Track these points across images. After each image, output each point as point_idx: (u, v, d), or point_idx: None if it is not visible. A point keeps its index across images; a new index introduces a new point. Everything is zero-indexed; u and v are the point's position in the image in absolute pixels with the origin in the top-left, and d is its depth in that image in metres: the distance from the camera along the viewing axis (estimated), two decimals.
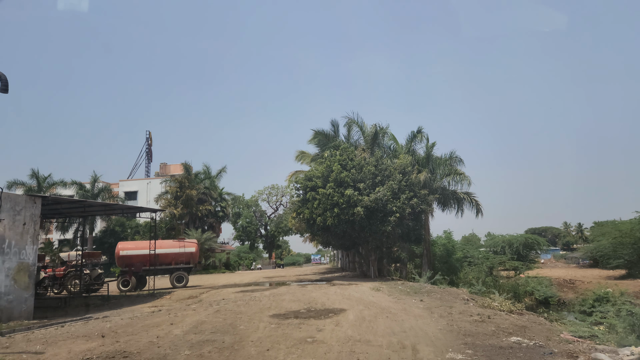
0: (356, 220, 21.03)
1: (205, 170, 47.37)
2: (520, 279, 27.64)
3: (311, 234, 24.45)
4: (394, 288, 16.89)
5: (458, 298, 13.64)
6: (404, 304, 12.07)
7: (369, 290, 16.16)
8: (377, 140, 25.68)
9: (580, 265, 48.62)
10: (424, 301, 12.58)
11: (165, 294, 20.51)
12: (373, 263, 23.41)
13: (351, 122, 26.28)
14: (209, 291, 20.22)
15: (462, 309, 10.87)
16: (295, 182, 23.16)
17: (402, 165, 22.22)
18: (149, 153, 53.36)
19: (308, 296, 14.51)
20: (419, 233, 22.11)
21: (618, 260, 31.90)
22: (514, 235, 39.22)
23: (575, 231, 71.09)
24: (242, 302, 13.24)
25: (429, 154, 24.69)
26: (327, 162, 22.64)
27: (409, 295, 14.26)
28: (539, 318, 10.50)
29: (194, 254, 23.82)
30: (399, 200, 21.20)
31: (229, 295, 16.54)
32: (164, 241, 24.46)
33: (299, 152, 30.33)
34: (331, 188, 21.53)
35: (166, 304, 17.42)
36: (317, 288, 17.67)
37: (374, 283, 19.61)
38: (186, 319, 9.94)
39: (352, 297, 13.82)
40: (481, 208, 24.42)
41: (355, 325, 8.78)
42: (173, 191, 43.51)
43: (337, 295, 14.74)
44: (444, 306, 11.48)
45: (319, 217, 21.67)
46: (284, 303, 12.81)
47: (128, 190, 50.07)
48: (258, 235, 56.01)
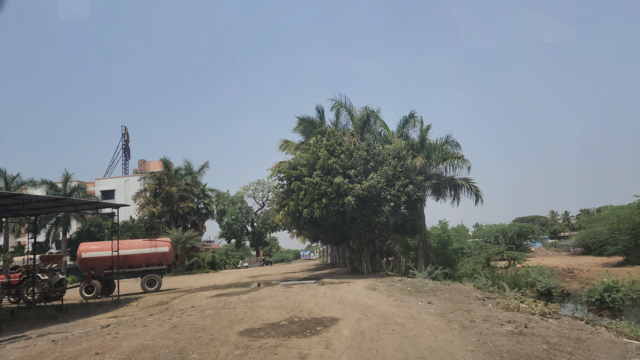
0: (347, 211, 18.52)
1: (186, 166, 44.35)
2: (520, 270, 25.58)
3: (297, 228, 21.87)
4: (392, 286, 14.43)
5: (470, 297, 11.24)
6: (409, 308, 9.59)
7: (364, 290, 13.66)
8: (367, 125, 23.18)
9: (571, 253, 47.12)
10: (432, 304, 10.12)
11: (133, 300, 17.73)
12: (366, 258, 20.95)
13: (339, 105, 23.71)
14: (182, 295, 17.50)
15: (484, 314, 8.44)
16: (278, 172, 20.50)
17: (396, 150, 19.76)
18: (126, 150, 49.86)
19: (293, 300, 11.94)
20: (415, 223, 19.73)
21: (616, 246, 30.03)
22: (507, 224, 37.31)
23: (562, 219, 70.01)
24: (211, 312, 10.60)
25: (424, 137, 22.30)
26: (312, 148, 20.05)
27: (412, 296, 11.80)
28: (583, 323, 8.13)
29: (168, 254, 21.01)
30: (394, 188, 18.76)
31: (201, 302, 13.86)
32: (133, 241, 21.59)
33: (282, 141, 27.66)
34: (318, 176, 18.96)
35: (129, 313, 14.67)
36: (304, 289, 15.11)
37: (368, 280, 17.13)
38: (124, 342, 7.27)
39: (345, 301, 11.30)
40: (481, 194, 22.17)
41: (352, 347, 6.25)
42: (152, 188, 40.44)
43: (327, 297, 12.20)
44: (459, 310, 9.04)
45: (306, 209, 19.09)
46: (262, 311, 10.22)
47: (105, 189, 46.66)
48: (244, 232, 53.14)
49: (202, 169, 45.12)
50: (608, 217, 31.45)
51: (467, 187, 22.05)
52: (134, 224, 41.48)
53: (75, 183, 41.87)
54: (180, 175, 43.01)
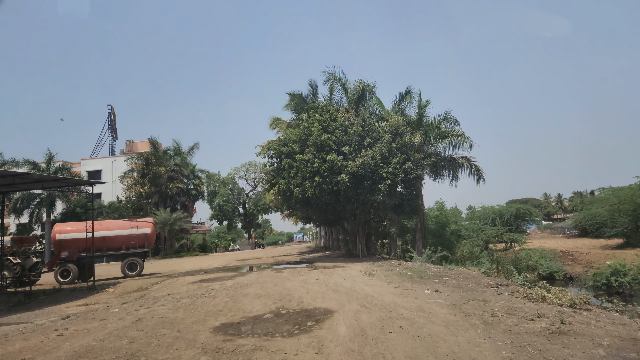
0: (341, 189, 17.03)
1: (175, 146, 42.36)
2: (520, 253, 24.48)
3: (289, 209, 20.40)
4: (391, 271, 13.08)
5: (480, 284, 9.90)
6: (415, 297, 8.20)
7: (361, 276, 12.30)
8: (363, 100, 21.50)
9: (567, 235, 46.42)
10: (440, 292, 8.74)
11: (111, 285, 16.24)
12: (361, 240, 19.59)
13: (332, 79, 21.97)
14: (164, 281, 16.04)
15: (505, 306, 7.07)
16: (268, 149, 18.85)
17: (393, 126, 18.19)
18: (113, 130, 47.56)
19: (281, 288, 10.53)
20: (414, 203, 18.32)
21: (616, 228, 28.98)
22: (504, 206, 36.22)
23: (555, 202, 69.41)
24: (187, 301, 9.15)
25: (422, 113, 20.70)
26: (304, 123, 18.40)
27: (415, 282, 10.43)
28: (623, 317, 6.79)
29: (150, 236, 19.45)
30: (390, 165, 17.26)
31: (180, 288, 12.42)
32: (112, 221, 19.97)
33: (273, 118, 25.92)
34: (310, 153, 17.37)
35: (103, 300, 13.18)
36: (294, 274, 13.73)
37: (364, 264, 15.79)
38: (66, 344, 5.78)
39: (340, 288, 9.91)
40: (482, 174, 20.76)
41: (351, 353, 4.82)
42: (139, 169, 38.54)
43: (320, 284, 10.81)
44: (474, 300, 7.67)
45: (297, 188, 17.56)
46: (245, 301, 8.79)
47: (91, 169, 44.60)
48: (236, 214, 51.63)
49: (192, 150, 43.22)
50: (608, 199, 30.33)
51: (468, 166, 20.61)
52: (120, 205, 39.74)
53: (59, 163, 39.89)
54: (169, 155, 41.10)
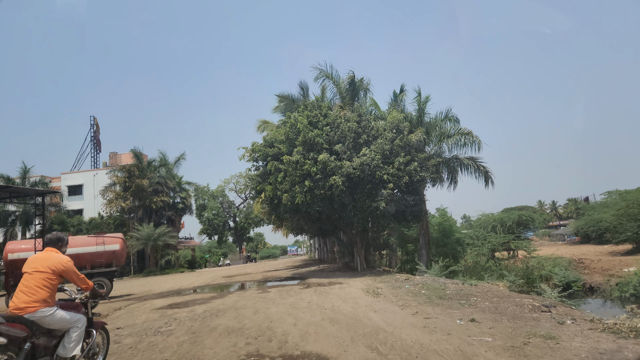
0: (335, 195, 14.55)
1: (161, 157, 39.66)
2: (531, 261, 22.06)
3: (277, 219, 17.85)
4: (399, 288, 10.53)
5: (523, 307, 7.38)
6: (447, 333, 5.66)
7: (363, 296, 9.72)
8: (356, 96, 19.20)
9: (567, 242, 44.19)
10: (478, 322, 6.20)
11: None
12: (359, 251, 17.03)
13: (324, 76, 19.70)
14: (129, 305, 13.22)
15: (588, 347, 4.58)
16: (252, 151, 16.36)
17: (394, 122, 15.87)
18: (97, 142, 44.68)
19: (262, 316, 7.92)
20: (418, 210, 15.88)
21: (626, 233, 26.73)
22: (505, 213, 33.95)
23: (550, 209, 67.51)
24: (129, 342, 6.50)
25: (423, 110, 18.43)
26: (291, 120, 16.02)
27: (435, 305, 7.88)
28: None
29: (119, 253, 16.66)
30: (392, 166, 14.87)
31: (138, 317, 9.70)
32: (75, 238, 17.13)
33: (260, 121, 23.51)
34: (299, 153, 14.93)
35: None
36: (282, 295, 11.10)
37: (365, 280, 13.21)
38: None
39: (339, 316, 7.33)
40: (491, 176, 18.41)
41: None
42: (121, 182, 35.70)
43: (313, 310, 8.22)
44: (535, 337, 5.16)
45: (286, 194, 15.06)
46: (208, 341, 6.18)
47: (72, 183, 41.52)
48: (226, 228, 48.66)
49: (179, 161, 40.53)
50: (616, 202, 28.20)
51: (475, 167, 18.27)
52: (102, 221, 36.71)
53: (37, 178, 36.92)
54: (154, 167, 38.34)
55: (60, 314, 3.79)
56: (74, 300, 4.25)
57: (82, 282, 4.10)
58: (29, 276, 3.77)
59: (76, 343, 3.86)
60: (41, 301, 3.66)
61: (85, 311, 4.29)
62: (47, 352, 3.73)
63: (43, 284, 3.72)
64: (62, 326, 3.82)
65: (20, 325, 3.51)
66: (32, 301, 3.62)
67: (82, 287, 4.16)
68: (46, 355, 3.72)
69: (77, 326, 3.91)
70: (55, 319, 3.73)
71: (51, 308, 3.72)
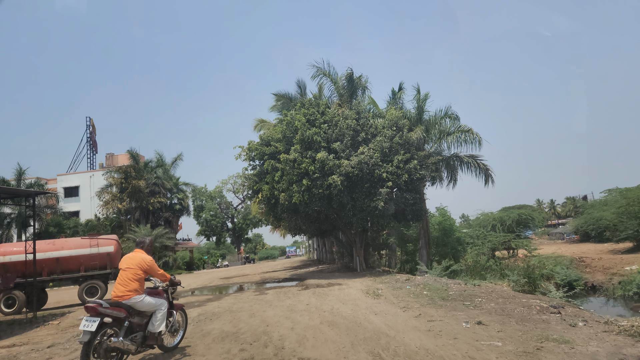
0: (333, 194, 14.21)
1: (158, 158, 39.20)
2: (532, 260, 21.76)
3: (275, 219, 17.49)
4: (400, 289, 10.19)
5: (531, 308, 7.05)
6: (453, 337, 5.32)
7: (363, 297, 9.38)
8: (354, 94, 18.88)
9: (566, 240, 43.96)
10: (485, 325, 5.86)
11: (59, 316, 13.00)
12: (358, 251, 16.69)
13: (321, 73, 19.36)
14: None
15: (606, 351, 4.24)
16: (248, 149, 16.00)
17: (393, 119, 15.55)
18: (93, 143, 44.17)
19: (258, 320, 7.57)
20: (418, 208, 15.55)
21: (627, 231, 26.48)
22: (504, 212, 33.66)
23: (548, 207, 67.34)
24: None
25: (422, 108, 18.11)
26: (287, 118, 15.67)
27: (439, 307, 7.55)
28: None
29: (113, 255, 16.25)
30: (392, 164, 14.54)
31: None
32: (68, 240, 16.72)
33: (257, 120, 23.16)
34: (297, 152, 14.59)
35: (38, 338, 9.92)
36: (280, 296, 10.75)
37: (365, 280, 12.88)
38: None
39: (338, 319, 6.99)
40: (491, 174, 18.10)
41: None
42: (117, 183, 35.26)
43: (312, 313, 7.87)
44: (547, 341, 4.83)
45: (283, 194, 14.72)
46: (200, 347, 5.82)
47: (68, 185, 41.03)
48: (225, 229, 48.22)
49: (176, 162, 40.12)
50: (616, 200, 27.92)
51: (475, 165, 17.95)
52: (99, 223, 36.27)
53: (32, 180, 36.45)
54: (151, 168, 37.88)
55: (148, 299, 4.89)
56: (157, 288, 5.35)
57: (161, 276, 5.24)
58: (123, 272, 4.89)
59: (161, 321, 4.96)
60: (133, 290, 4.78)
61: (166, 296, 5.38)
62: (140, 328, 4.85)
63: (133, 278, 4.83)
64: (150, 308, 4.92)
65: (120, 309, 4.63)
66: (127, 290, 4.75)
67: (161, 279, 5.30)
68: (140, 330, 4.84)
69: (160, 308, 4.99)
70: (144, 304, 4.84)
71: (141, 295, 4.84)
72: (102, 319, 4.42)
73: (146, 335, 4.88)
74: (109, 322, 4.50)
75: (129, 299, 4.74)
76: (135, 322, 4.77)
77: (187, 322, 6.06)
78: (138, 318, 4.83)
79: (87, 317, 4.42)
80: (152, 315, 4.94)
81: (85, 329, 4.30)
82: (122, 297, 4.72)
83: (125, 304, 4.70)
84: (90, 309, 4.47)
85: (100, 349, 4.43)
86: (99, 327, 4.38)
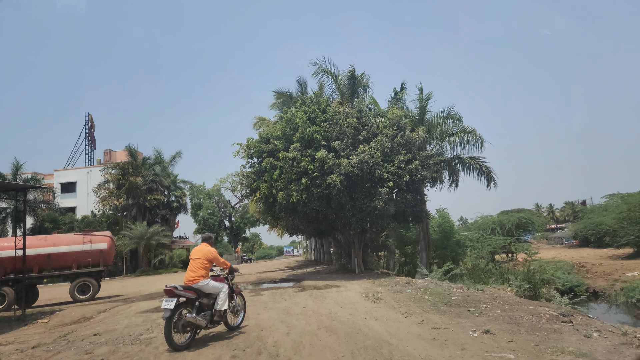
0: (332, 194, 13.83)
1: (156, 155, 38.78)
2: (533, 264, 21.40)
3: (272, 218, 17.10)
4: (400, 293, 9.82)
5: (540, 315, 6.68)
6: (460, 347, 4.94)
7: (363, 301, 9.01)
8: (356, 92, 18.51)
9: (565, 245, 43.66)
10: (494, 334, 5.48)
11: (48, 314, 12.58)
12: (357, 253, 16.31)
13: (322, 71, 18.97)
14: (115, 307, 12.44)
15: None
16: (247, 147, 15.62)
17: (395, 118, 15.18)
18: (91, 139, 43.69)
19: (252, 323, 7.17)
20: (419, 210, 15.19)
21: (627, 237, 26.14)
22: (504, 216, 33.32)
23: (547, 212, 67.06)
24: (104, 351, 5.76)
25: (424, 108, 17.75)
26: (287, 115, 15.30)
27: (442, 313, 7.18)
28: None
29: (107, 252, 15.87)
30: (393, 164, 14.17)
31: (120, 322, 8.92)
32: (60, 236, 16.32)
33: (257, 118, 22.77)
34: (296, 150, 14.21)
35: (24, 337, 9.52)
36: (276, 298, 10.35)
37: (364, 282, 12.50)
38: None
39: (336, 324, 6.61)
40: (493, 176, 17.74)
41: None
42: (115, 179, 34.82)
43: (309, 317, 7.49)
44: (564, 354, 4.45)
45: (281, 193, 14.33)
46: (188, 354, 5.42)
47: (65, 181, 40.56)
48: (222, 227, 47.78)
49: (174, 159, 39.70)
50: (618, 205, 27.60)
51: (478, 167, 17.59)
52: (95, 219, 35.81)
53: (29, 175, 35.95)
54: (149, 164, 37.45)
55: (213, 283, 5.94)
56: (219, 275, 6.41)
57: (222, 264, 6.33)
58: (192, 261, 5.97)
59: (224, 301, 5.95)
60: (200, 276, 5.83)
61: (227, 282, 6.41)
62: (208, 307, 5.88)
63: (201, 266, 5.89)
64: (214, 291, 5.94)
65: (191, 291, 5.68)
66: (196, 276, 5.81)
67: (222, 267, 6.42)
68: (208, 310, 5.87)
69: (223, 291, 6.00)
70: (210, 287, 5.89)
71: (207, 280, 5.88)
72: (178, 299, 5.46)
73: (213, 314, 5.88)
74: (183, 302, 5.58)
75: (197, 283, 5.79)
76: (204, 303, 5.82)
77: (246, 305, 7.20)
78: (206, 299, 5.87)
79: (166, 298, 5.45)
80: (217, 296, 5.96)
81: (165, 307, 5.33)
82: (192, 281, 5.78)
83: (194, 287, 5.75)
84: (168, 292, 5.48)
85: (179, 324, 5.46)
86: (176, 307, 5.40)
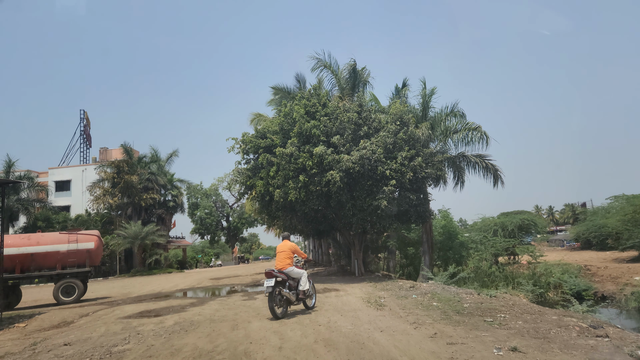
0: (332, 192, 12.96)
1: (152, 153, 37.85)
2: (539, 267, 20.57)
3: (269, 217, 16.23)
4: (405, 298, 8.95)
5: (568, 328, 5.81)
6: None
7: (365, 307, 8.13)
8: (356, 88, 17.67)
9: (567, 247, 42.84)
10: (522, 352, 4.62)
11: (27, 317, 11.64)
12: (357, 254, 15.43)
13: (321, 65, 18.14)
14: (99, 311, 11.51)
15: None
16: (242, 142, 14.74)
17: (397, 113, 14.34)
18: (87, 136, 42.74)
19: (241, 334, 6.29)
20: (422, 210, 14.34)
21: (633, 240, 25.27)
22: (506, 217, 32.50)
23: (547, 214, 66.32)
24: None
25: (427, 104, 16.92)
26: (285, 109, 14.44)
27: (455, 324, 6.31)
28: None
29: (93, 252, 14.94)
30: (395, 161, 13.31)
31: (97, 330, 8.01)
32: (45, 235, 15.36)
33: (254, 114, 21.90)
34: (294, 145, 13.35)
35: None
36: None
37: (365, 286, 11.62)
38: None
39: (336, 336, 5.72)
40: (500, 174, 16.89)
41: None
42: (109, 178, 33.87)
43: (305, 326, 6.59)
44: None
45: (278, 190, 13.46)
46: None
47: (59, 179, 39.59)
48: (219, 227, 46.84)
49: (171, 157, 38.82)
50: (622, 207, 26.76)
51: (483, 165, 16.75)
52: (89, 218, 34.85)
53: (22, 172, 34.99)
54: (145, 163, 36.52)
55: (296, 269, 7.79)
56: (298, 263, 8.09)
57: (301, 254, 8.17)
58: (279, 253, 7.84)
59: (305, 282, 7.78)
60: (287, 264, 7.72)
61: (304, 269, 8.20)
62: (293, 287, 7.73)
63: (287, 256, 7.79)
64: (297, 275, 7.78)
65: (283, 274, 7.52)
66: (285, 264, 7.70)
67: (302, 257, 8.18)
68: (294, 289, 7.73)
69: (304, 275, 7.84)
70: (294, 272, 7.74)
71: (292, 267, 7.76)
72: (275, 279, 7.25)
73: (298, 292, 7.68)
74: (279, 282, 7.33)
75: (286, 269, 7.63)
76: (291, 284, 7.63)
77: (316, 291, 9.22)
78: (292, 281, 7.67)
79: (266, 279, 7.26)
80: (299, 280, 7.76)
81: (267, 285, 7.17)
82: (282, 267, 7.60)
83: (284, 272, 7.55)
84: (267, 274, 7.30)
85: (277, 297, 7.30)
86: (274, 285, 7.20)
